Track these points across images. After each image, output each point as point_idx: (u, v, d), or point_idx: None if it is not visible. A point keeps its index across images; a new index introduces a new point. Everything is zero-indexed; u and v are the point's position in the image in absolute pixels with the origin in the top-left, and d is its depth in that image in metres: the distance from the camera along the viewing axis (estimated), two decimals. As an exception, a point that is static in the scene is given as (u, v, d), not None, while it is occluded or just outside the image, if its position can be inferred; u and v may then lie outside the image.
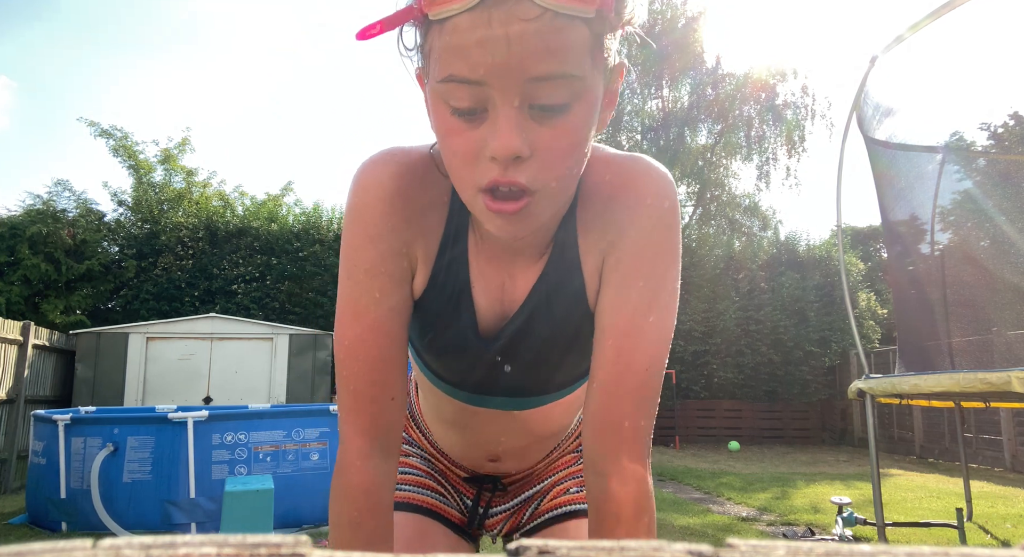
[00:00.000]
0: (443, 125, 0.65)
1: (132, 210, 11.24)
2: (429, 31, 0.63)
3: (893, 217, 5.00)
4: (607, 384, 0.77)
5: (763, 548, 0.21)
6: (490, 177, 0.64)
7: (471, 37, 0.59)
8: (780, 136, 14.88)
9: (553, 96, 0.62)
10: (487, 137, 0.63)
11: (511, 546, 0.21)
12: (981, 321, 4.76)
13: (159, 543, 0.19)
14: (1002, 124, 16.27)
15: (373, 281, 0.78)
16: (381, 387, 0.79)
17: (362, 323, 0.78)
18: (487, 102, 0.62)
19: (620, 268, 0.77)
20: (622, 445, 0.76)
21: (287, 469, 4.62)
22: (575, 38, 0.60)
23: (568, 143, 0.64)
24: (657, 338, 0.77)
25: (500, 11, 0.58)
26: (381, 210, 0.77)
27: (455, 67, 0.61)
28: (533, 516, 1.12)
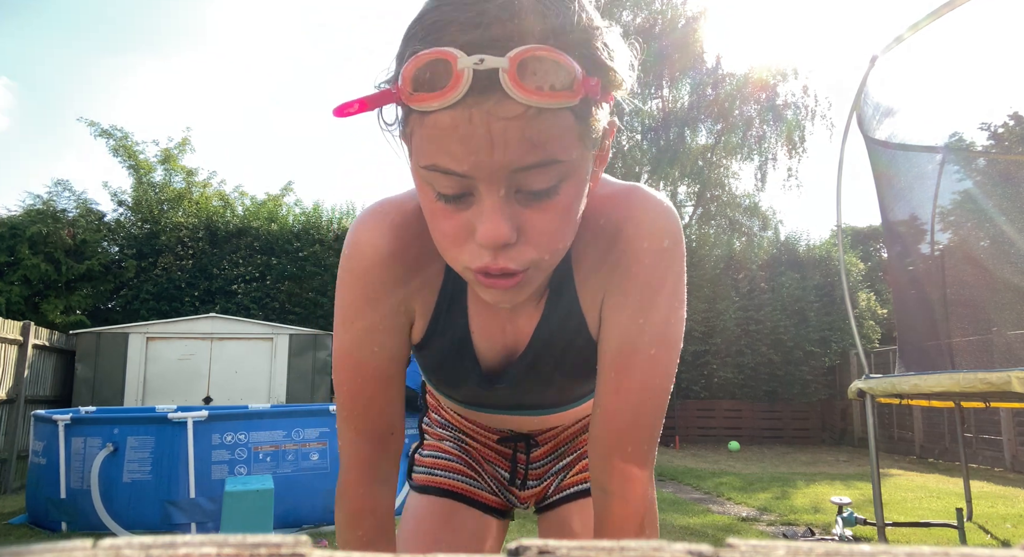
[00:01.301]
0: (429, 207, 0.64)
1: (132, 210, 11.24)
2: (409, 116, 0.61)
3: (893, 217, 5.00)
4: (610, 413, 0.78)
5: (763, 548, 0.21)
6: (480, 262, 0.63)
7: (452, 134, 0.57)
8: (780, 136, 14.87)
9: (539, 182, 0.60)
10: (474, 221, 0.62)
11: (511, 546, 0.21)
12: (981, 321, 4.76)
13: (159, 543, 0.19)
14: (1002, 124, 16.27)
15: (372, 336, 0.80)
16: (382, 424, 0.84)
17: (362, 374, 0.81)
18: (473, 188, 0.61)
19: (620, 308, 0.77)
20: (626, 467, 0.79)
21: (287, 469, 4.62)
22: (560, 126, 0.58)
23: (558, 223, 0.63)
24: (660, 370, 0.78)
25: (481, 110, 0.56)
26: (378, 273, 0.77)
27: (438, 158, 0.59)
28: (558, 489, 1.16)
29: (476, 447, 1.16)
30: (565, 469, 1.16)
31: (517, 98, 0.56)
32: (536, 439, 1.14)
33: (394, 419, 0.85)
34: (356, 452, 0.84)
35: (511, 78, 0.55)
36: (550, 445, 1.15)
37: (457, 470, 1.14)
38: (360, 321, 0.79)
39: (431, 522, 1.09)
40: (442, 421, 1.19)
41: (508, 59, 0.55)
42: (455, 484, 1.13)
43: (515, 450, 1.14)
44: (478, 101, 0.56)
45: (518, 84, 0.55)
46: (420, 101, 0.57)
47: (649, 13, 14.54)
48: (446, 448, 1.16)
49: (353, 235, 0.79)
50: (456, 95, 0.55)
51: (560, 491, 1.15)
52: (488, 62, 0.55)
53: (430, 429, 1.20)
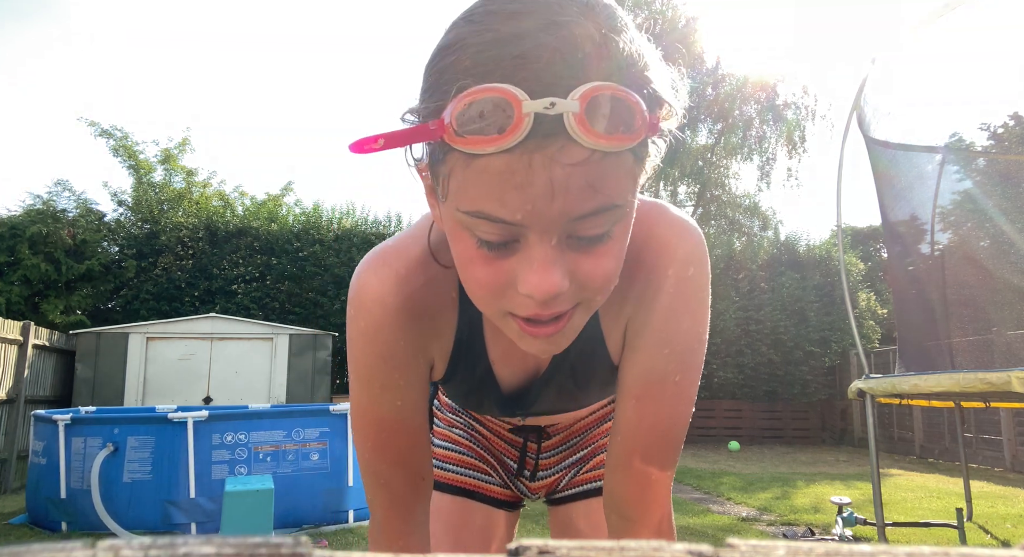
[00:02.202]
0: (466, 253, 0.58)
1: (132, 210, 11.24)
2: (449, 155, 0.54)
3: (893, 217, 5.00)
4: (628, 441, 0.77)
5: (763, 548, 0.21)
6: (528, 311, 0.58)
7: (507, 181, 0.52)
8: (780, 136, 14.88)
9: (595, 227, 0.56)
10: (518, 270, 0.57)
11: (511, 546, 0.21)
12: (981, 321, 4.76)
13: (159, 543, 0.19)
14: (1002, 124, 16.26)
15: (392, 393, 0.77)
16: (412, 474, 0.81)
17: (386, 429, 0.78)
18: (520, 236, 0.55)
19: (644, 335, 0.75)
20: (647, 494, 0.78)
21: (287, 469, 4.62)
22: (620, 169, 0.54)
23: (610, 266, 0.59)
24: (684, 397, 0.76)
25: (542, 155, 0.51)
26: (389, 331, 0.73)
27: (486, 205, 0.53)
28: (571, 483, 1.15)
29: (487, 434, 1.16)
30: (579, 463, 1.15)
31: (584, 143, 0.50)
32: (548, 430, 1.13)
33: (423, 466, 0.82)
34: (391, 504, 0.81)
35: (579, 122, 0.50)
36: (562, 436, 1.14)
37: (468, 464, 1.14)
38: (377, 380, 0.76)
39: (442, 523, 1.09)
40: (451, 405, 1.18)
41: (577, 102, 0.49)
42: (466, 481, 1.12)
43: (526, 440, 1.13)
44: (540, 146, 0.50)
45: (587, 129, 0.50)
46: (471, 144, 0.51)
47: (649, 13, 14.54)
48: (456, 437, 1.16)
49: (357, 292, 0.74)
50: (516, 139, 0.50)
51: (571, 487, 1.15)
52: (558, 107, 0.49)
53: (440, 413, 1.20)
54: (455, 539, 1.07)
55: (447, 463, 1.14)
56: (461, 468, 1.13)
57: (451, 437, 1.16)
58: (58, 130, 43.04)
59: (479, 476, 1.13)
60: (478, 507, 1.11)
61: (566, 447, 1.15)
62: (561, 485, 1.16)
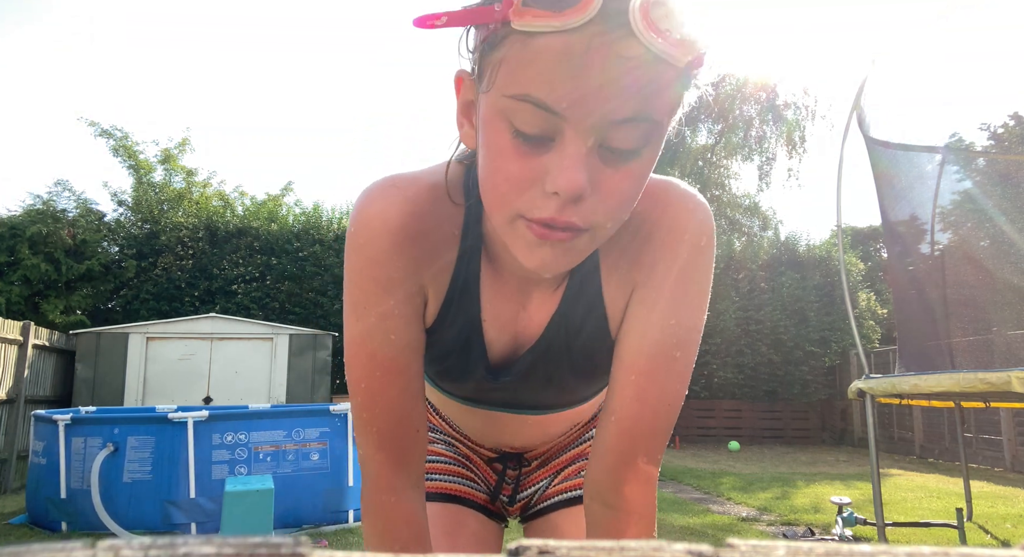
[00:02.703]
0: (499, 143, 0.58)
1: (132, 210, 11.24)
2: (506, 39, 0.54)
3: (893, 217, 5.00)
4: (624, 421, 0.75)
5: (763, 548, 0.21)
6: (544, 213, 0.58)
7: (562, 63, 0.52)
8: (780, 136, 14.89)
9: (629, 140, 0.56)
10: (549, 168, 0.56)
11: (511, 546, 0.21)
12: (981, 321, 4.76)
13: (159, 543, 0.19)
14: (1002, 124, 16.26)
15: (386, 323, 0.73)
16: (405, 423, 0.77)
17: (378, 364, 0.74)
18: (556, 132, 0.55)
19: (649, 306, 0.73)
20: (635, 480, 0.76)
21: (287, 469, 4.62)
22: (665, 82, 0.55)
23: (631, 187, 0.59)
24: (680, 375, 0.75)
25: (601, 42, 0.51)
26: (390, 254, 0.71)
27: (534, 88, 0.53)
28: (541, 498, 1.13)
29: (467, 453, 1.13)
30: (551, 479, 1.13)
31: (643, 38, 0.51)
32: (526, 456, 1.11)
33: (416, 416, 0.78)
34: (381, 457, 0.77)
35: (644, 16, 0.50)
36: (539, 461, 1.13)
37: (453, 471, 1.11)
38: (374, 308, 0.72)
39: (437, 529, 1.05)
40: (431, 425, 1.15)
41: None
42: (457, 488, 1.10)
43: (505, 467, 1.11)
44: (601, 32, 0.51)
45: (648, 22, 0.51)
46: (534, 18, 0.51)
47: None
48: (439, 450, 1.14)
49: (362, 212, 0.71)
50: (582, 19, 0.50)
51: (544, 499, 1.12)
52: None
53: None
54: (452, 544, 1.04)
55: (432, 473, 1.11)
56: (448, 476, 1.10)
57: (434, 450, 1.14)
58: (58, 130, 43.04)
59: (467, 483, 1.11)
60: (470, 513, 1.09)
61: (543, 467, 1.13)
62: (534, 499, 1.14)
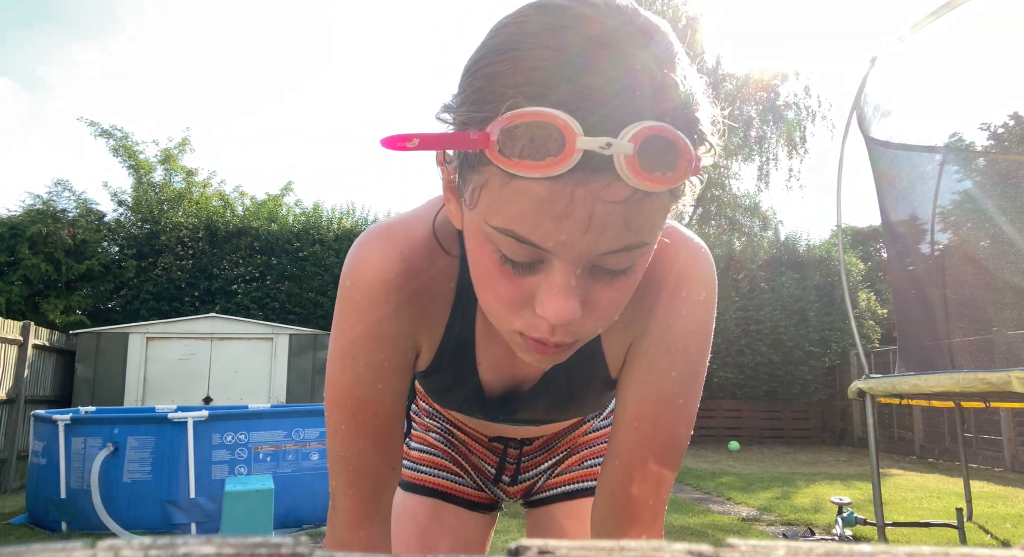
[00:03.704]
0: (486, 264, 0.57)
1: (132, 210, 11.23)
2: (486, 167, 0.52)
3: (893, 217, 5.00)
4: (631, 467, 0.75)
5: (763, 548, 0.21)
6: (536, 334, 0.58)
7: (546, 209, 0.50)
8: (781, 136, 14.89)
9: (619, 263, 0.55)
10: (539, 291, 0.56)
11: (511, 546, 0.21)
12: (981, 321, 4.76)
13: (159, 543, 0.19)
14: (1002, 124, 16.26)
15: (375, 374, 0.73)
16: (384, 462, 0.79)
17: (363, 409, 0.75)
18: (544, 258, 0.55)
19: (649, 358, 0.73)
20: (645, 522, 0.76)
21: (287, 469, 4.62)
22: (657, 208, 0.53)
23: (624, 297, 0.59)
24: (684, 419, 0.75)
25: (586, 190, 0.49)
26: (383, 308, 0.71)
27: (519, 227, 0.52)
28: (544, 486, 1.14)
29: (464, 440, 1.15)
30: (554, 466, 1.14)
31: (630, 182, 0.49)
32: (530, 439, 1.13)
33: (395, 453, 0.79)
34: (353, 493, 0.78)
35: (629, 164, 0.48)
36: (543, 440, 1.14)
37: (442, 466, 1.13)
38: (364, 359, 0.72)
39: (414, 523, 1.08)
40: (430, 410, 1.16)
41: (631, 143, 0.48)
42: (440, 482, 1.12)
43: (507, 447, 1.12)
44: (585, 180, 0.49)
45: (636, 170, 0.49)
46: (515, 166, 0.49)
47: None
48: (431, 441, 1.15)
49: (357, 264, 0.71)
50: (563, 170, 0.48)
51: (547, 489, 1.14)
52: (614, 147, 0.48)
53: (418, 418, 1.19)
54: (422, 540, 1.06)
55: (420, 464, 1.13)
56: (432, 469, 1.12)
57: (426, 440, 1.15)
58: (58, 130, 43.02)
59: (449, 477, 1.12)
60: (448, 508, 1.10)
61: (545, 450, 1.14)
62: (537, 486, 1.15)
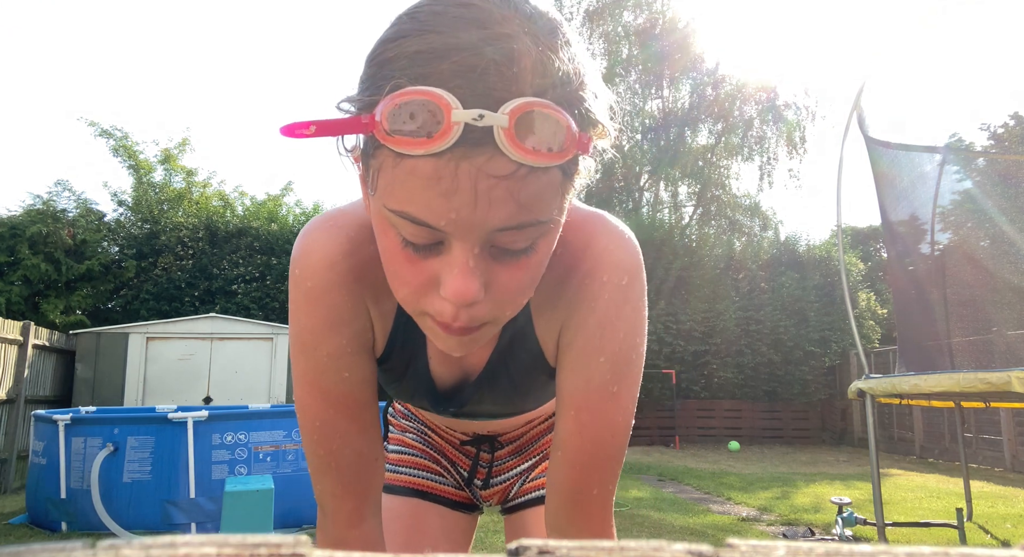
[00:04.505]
0: (390, 248, 0.58)
1: (132, 210, 11.24)
2: (379, 150, 0.54)
3: (893, 217, 5.01)
4: (572, 456, 0.75)
5: (763, 548, 0.21)
6: (441, 317, 0.59)
7: (434, 186, 0.52)
8: (781, 136, 14.88)
9: (517, 242, 0.56)
10: (440, 272, 0.57)
11: (511, 546, 0.21)
12: (981, 321, 4.76)
13: (159, 543, 0.19)
14: (1002, 124, 16.26)
15: (338, 362, 0.73)
16: (364, 457, 0.78)
17: (333, 402, 0.74)
18: (444, 239, 0.56)
19: (577, 345, 0.74)
20: (592, 515, 0.77)
21: (287, 469, 4.62)
22: (547, 185, 0.54)
23: (528, 280, 0.60)
24: (621, 406, 0.75)
25: (469, 164, 0.51)
26: (337, 293, 0.71)
27: (412, 207, 0.53)
28: (521, 491, 1.15)
29: (439, 441, 1.15)
30: (528, 470, 1.15)
31: (511, 156, 0.51)
32: (500, 440, 1.13)
33: (374, 447, 0.79)
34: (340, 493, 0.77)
35: (508, 137, 0.50)
36: (514, 445, 1.14)
37: (421, 465, 1.13)
38: (323, 347, 0.72)
39: (399, 525, 1.08)
40: (406, 412, 1.18)
41: (507, 116, 0.50)
42: (420, 482, 1.12)
43: (479, 450, 1.12)
44: (468, 154, 0.51)
45: (515, 143, 0.50)
46: (399, 144, 0.51)
47: (650, 13, 14.53)
48: (409, 441, 1.16)
49: (304, 251, 0.71)
50: (444, 145, 0.50)
51: (523, 494, 1.14)
52: (487, 119, 0.49)
53: (394, 420, 1.19)
54: (407, 540, 1.06)
55: (400, 466, 1.13)
56: (413, 470, 1.12)
57: (404, 441, 1.16)
58: (58, 130, 43.01)
59: (431, 477, 1.12)
60: (432, 508, 1.11)
61: (517, 455, 1.15)
62: (512, 492, 1.16)
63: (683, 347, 11.25)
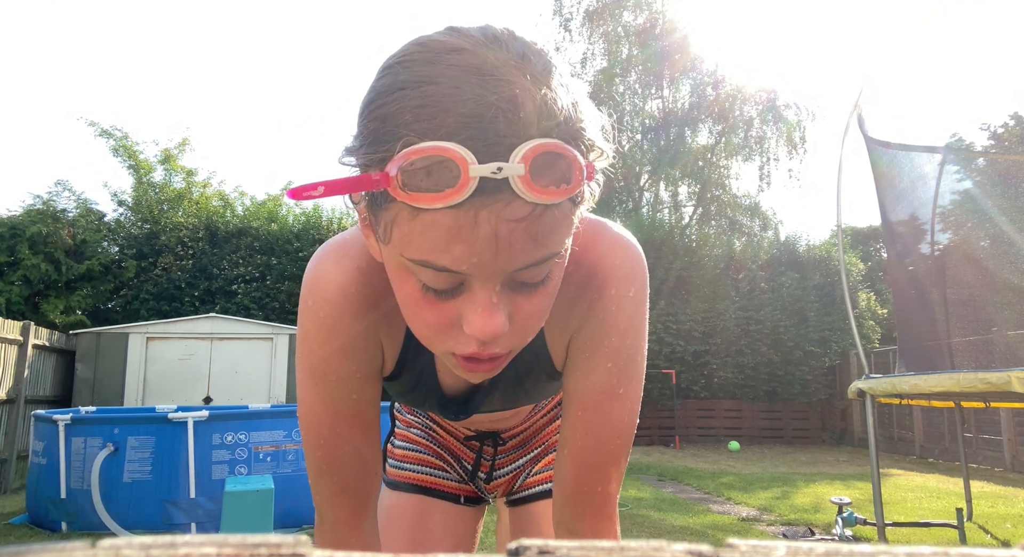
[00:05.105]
0: (410, 294, 0.60)
1: (132, 210, 11.24)
2: (393, 204, 0.55)
3: (893, 217, 5.01)
4: (578, 455, 0.78)
5: (763, 548, 0.21)
6: (468, 350, 0.61)
7: (454, 235, 0.53)
8: (781, 136, 14.87)
9: (534, 276, 0.59)
10: (463, 312, 0.59)
11: (511, 546, 0.21)
12: (981, 321, 4.76)
13: (159, 543, 0.19)
14: (1002, 124, 16.26)
15: (348, 385, 0.76)
16: (366, 470, 0.81)
17: (341, 422, 0.77)
18: (463, 281, 0.57)
19: (586, 351, 0.77)
20: (597, 510, 0.80)
21: (287, 469, 4.62)
22: (560, 219, 0.56)
23: (546, 304, 0.63)
24: (626, 407, 0.78)
25: (488, 212, 0.52)
26: (350, 322, 0.73)
27: (432, 256, 0.55)
28: (523, 485, 1.17)
29: (443, 436, 1.18)
30: (532, 462, 1.17)
31: (528, 199, 0.52)
32: (502, 436, 1.15)
33: (376, 460, 0.82)
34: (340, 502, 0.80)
35: (524, 182, 0.51)
36: (517, 440, 1.16)
37: (426, 461, 1.15)
38: (335, 374, 0.75)
39: (403, 522, 1.10)
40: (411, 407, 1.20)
41: (522, 164, 0.51)
42: (425, 479, 1.14)
43: (482, 444, 1.15)
44: (486, 203, 0.52)
45: (531, 187, 0.51)
46: (417, 200, 0.52)
47: (650, 13, 14.53)
48: (414, 437, 1.18)
49: (318, 282, 0.73)
50: (462, 198, 0.51)
51: (527, 487, 1.16)
52: (505, 170, 0.50)
53: (400, 415, 1.22)
54: (413, 536, 1.08)
55: (405, 462, 1.15)
56: (418, 466, 1.15)
57: (409, 437, 1.18)
58: (58, 130, 43.02)
59: (436, 472, 1.15)
60: (436, 503, 1.13)
61: (521, 448, 1.17)
62: (516, 485, 1.18)
63: (683, 347, 11.25)
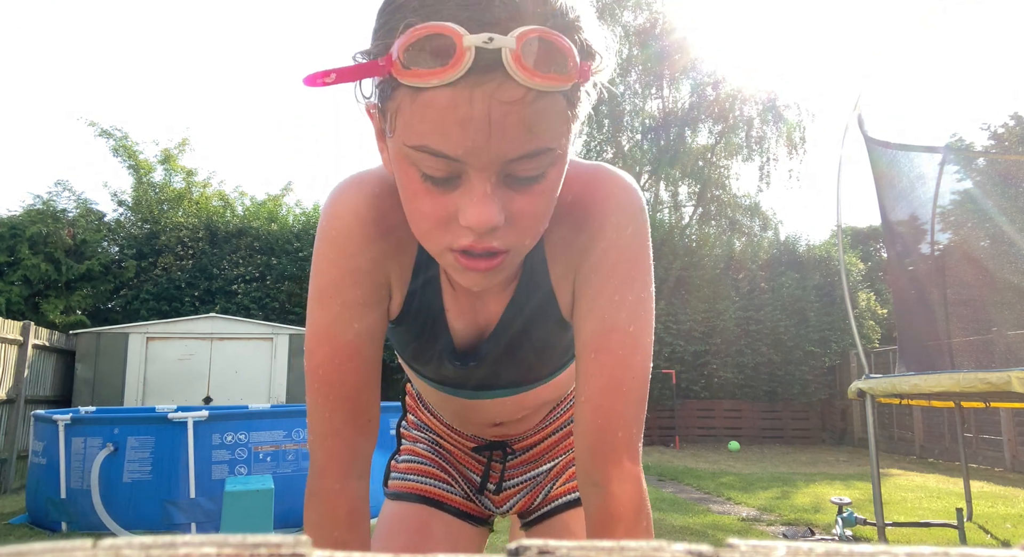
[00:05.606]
0: (411, 186, 0.63)
1: (132, 210, 11.24)
2: (397, 90, 0.58)
3: (893, 217, 5.00)
4: (595, 400, 0.76)
5: (763, 548, 0.21)
6: (464, 242, 0.63)
7: (450, 115, 0.56)
8: (781, 136, 14.87)
9: (529, 169, 0.61)
10: (460, 204, 0.61)
11: (511, 546, 0.21)
12: (981, 321, 4.76)
13: (159, 543, 0.19)
14: (1002, 124, 16.26)
15: (351, 311, 0.77)
16: (359, 411, 0.80)
17: (338, 351, 0.77)
18: (462, 172, 0.60)
19: (592, 286, 0.77)
20: (619, 456, 0.77)
21: (287, 469, 4.62)
22: (554, 112, 0.58)
23: (543, 206, 0.64)
24: (639, 346, 0.77)
25: (482, 91, 0.55)
26: (362, 245, 0.75)
27: (430, 139, 0.58)
28: (546, 500, 1.14)
29: (451, 450, 1.15)
30: (553, 478, 1.14)
31: (520, 80, 0.55)
32: (512, 446, 1.12)
33: (372, 405, 0.82)
34: (332, 444, 0.79)
35: (515, 59, 0.54)
36: (528, 455, 1.14)
37: (430, 474, 1.13)
38: (340, 296, 0.76)
39: (404, 529, 1.07)
40: (419, 423, 1.18)
41: (514, 39, 0.54)
42: (428, 489, 1.12)
43: (490, 458, 1.12)
44: (480, 81, 0.55)
45: (522, 66, 0.54)
46: (416, 77, 0.55)
47: (650, 13, 14.53)
48: (419, 450, 1.16)
49: (335, 206, 0.76)
50: (458, 73, 0.54)
51: (550, 501, 1.13)
52: (496, 42, 0.53)
53: (407, 432, 1.19)
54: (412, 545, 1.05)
55: (409, 474, 1.13)
56: (422, 477, 1.13)
57: (414, 451, 1.16)
58: (58, 130, 43.04)
59: (439, 485, 1.13)
60: (438, 515, 1.11)
61: (533, 463, 1.15)
62: (537, 502, 1.14)
63: (683, 347, 11.25)
